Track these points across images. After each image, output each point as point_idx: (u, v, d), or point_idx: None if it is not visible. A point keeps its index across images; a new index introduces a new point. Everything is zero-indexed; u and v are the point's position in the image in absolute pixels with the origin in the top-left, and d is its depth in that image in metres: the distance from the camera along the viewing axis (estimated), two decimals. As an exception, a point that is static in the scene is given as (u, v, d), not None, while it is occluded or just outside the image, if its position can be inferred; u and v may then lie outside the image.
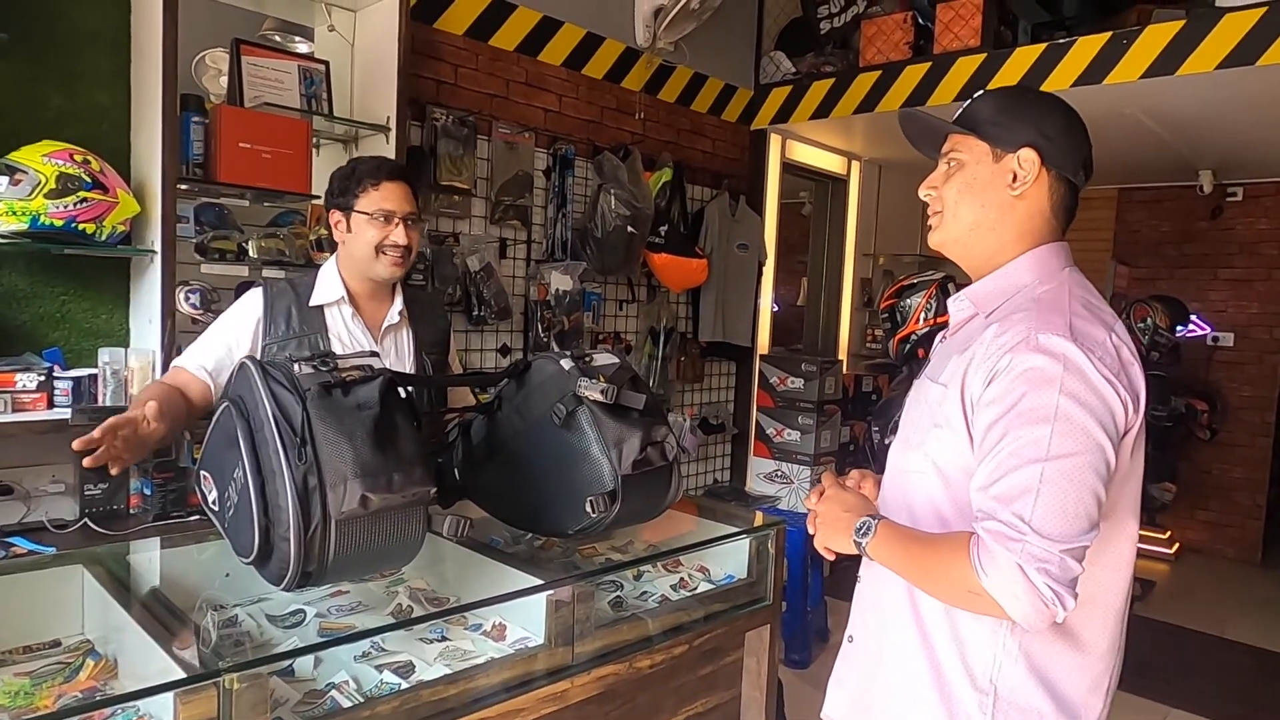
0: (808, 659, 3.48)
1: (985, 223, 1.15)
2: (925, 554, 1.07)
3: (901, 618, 1.17)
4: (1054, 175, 1.13)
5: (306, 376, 1.14)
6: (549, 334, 3.33)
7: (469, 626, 1.44)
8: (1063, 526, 0.95)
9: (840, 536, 1.16)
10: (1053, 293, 1.09)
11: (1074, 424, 0.97)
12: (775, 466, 4.42)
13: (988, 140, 1.14)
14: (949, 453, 1.10)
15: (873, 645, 1.23)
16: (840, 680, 1.30)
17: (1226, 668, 3.82)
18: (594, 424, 1.38)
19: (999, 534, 0.97)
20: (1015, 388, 1.00)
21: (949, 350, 1.17)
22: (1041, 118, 1.13)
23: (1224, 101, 3.53)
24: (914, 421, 1.19)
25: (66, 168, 1.92)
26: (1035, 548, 0.94)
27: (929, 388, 1.16)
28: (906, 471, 1.19)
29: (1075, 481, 0.97)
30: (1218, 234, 5.48)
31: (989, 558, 0.96)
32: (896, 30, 3.92)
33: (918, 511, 1.16)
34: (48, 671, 1.20)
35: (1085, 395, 0.98)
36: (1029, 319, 1.04)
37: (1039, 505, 0.96)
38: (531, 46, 3.32)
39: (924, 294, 3.31)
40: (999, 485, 0.99)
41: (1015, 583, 0.94)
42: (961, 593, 1.01)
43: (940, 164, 1.21)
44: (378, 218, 1.75)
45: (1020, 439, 0.98)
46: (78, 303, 2.20)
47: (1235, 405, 5.45)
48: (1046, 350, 1.00)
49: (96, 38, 2.19)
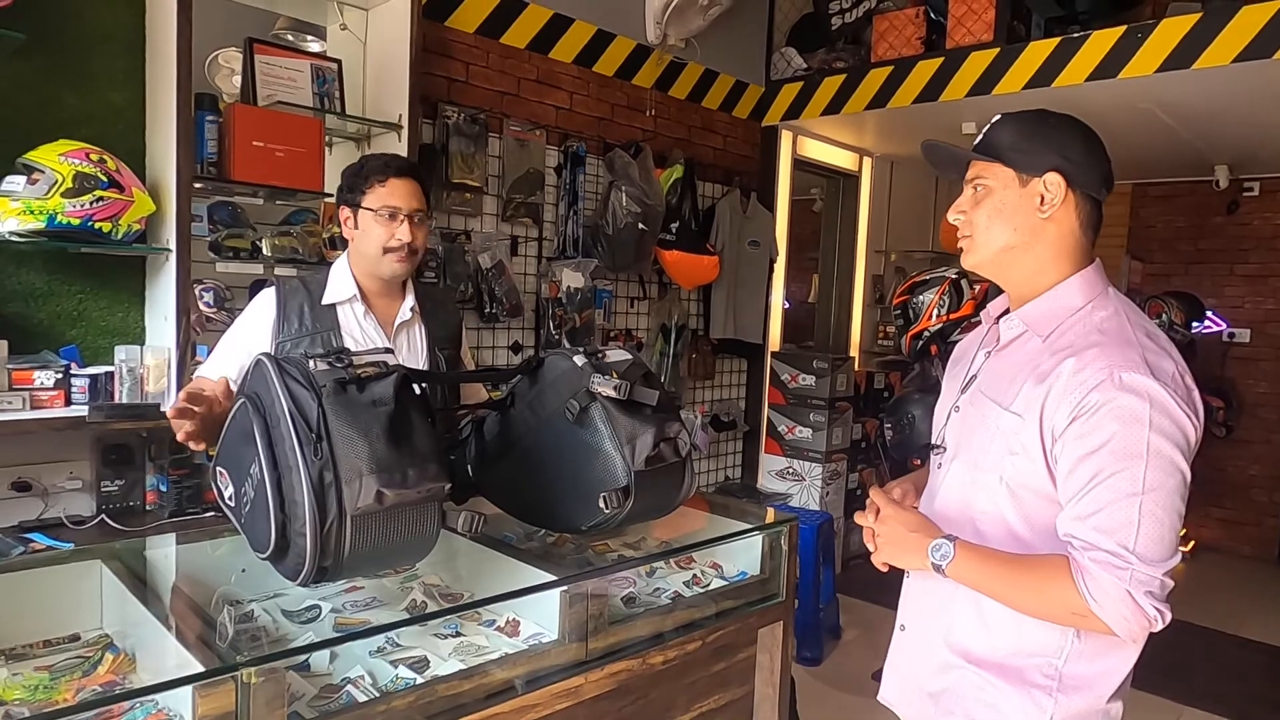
0: (820, 656, 3.47)
1: (1018, 245, 1.21)
2: (1018, 577, 1.15)
3: (960, 607, 1.24)
4: (1079, 194, 1.19)
5: (322, 373, 1.14)
6: (560, 331, 3.34)
7: (483, 622, 1.45)
8: (1160, 551, 1.07)
9: (911, 556, 1.23)
10: (1112, 320, 1.16)
11: (1164, 458, 1.07)
12: (786, 463, 4.41)
13: (1013, 167, 1.20)
14: (1024, 477, 1.17)
15: (929, 633, 1.30)
16: (895, 666, 1.38)
17: (1242, 666, 3.79)
18: (607, 420, 1.38)
19: (1106, 564, 1.06)
20: (1106, 425, 1.08)
21: (1008, 372, 1.21)
22: (1063, 141, 1.19)
23: (1241, 95, 3.50)
24: (983, 445, 1.23)
25: (83, 167, 1.93)
26: (1141, 574, 1.05)
27: (998, 414, 1.20)
28: (975, 488, 1.24)
29: (1168, 510, 1.08)
30: (1234, 229, 5.43)
31: (1096, 585, 1.06)
32: (909, 25, 3.90)
33: (986, 529, 1.22)
34: (67, 665, 1.21)
35: (1170, 430, 1.08)
36: (1105, 354, 1.10)
37: (1140, 536, 1.06)
38: (542, 44, 3.33)
39: (936, 291, 3.29)
40: (1099, 517, 1.08)
41: (1125, 606, 1.05)
42: (1064, 614, 1.11)
43: (967, 189, 1.26)
44: (383, 214, 1.75)
45: (1117, 474, 1.07)
46: (94, 301, 2.22)
47: (1251, 402, 5.40)
48: (1132, 389, 1.08)
49: (111, 38, 2.21)
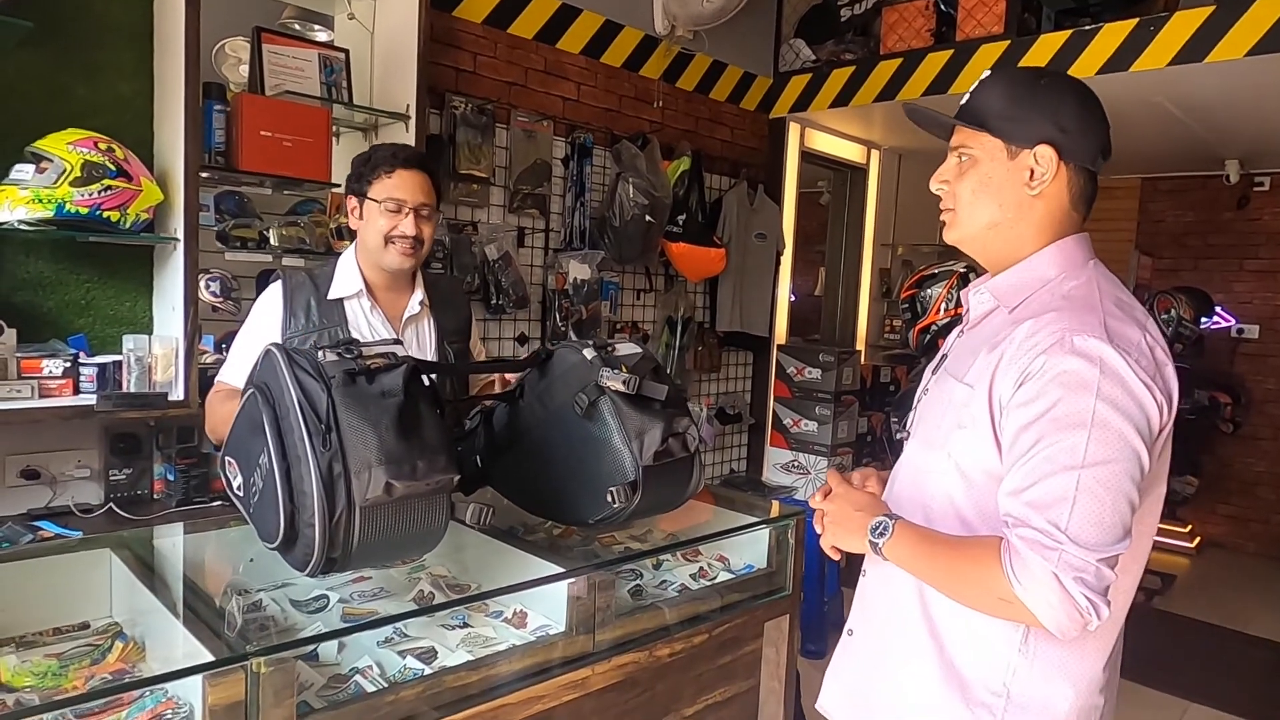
0: (824, 649, 3.48)
1: (1003, 222, 1.12)
2: (949, 557, 1.05)
3: (910, 616, 1.15)
4: (1073, 168, 1.09)
5: (331, 364, 1.14)
6: (567, 323, 3.33)
7: (490, 613, 1.45)
8: (1099, 535, 0.94)
9: (852, 536, 1.14)
10: (1082, 289, 1.06)
11: (1111, 430, 0.96)
12: (792, 457, 4.40)
13: (1000, 137, 1.10)
14: (973, 454, 1.07)
15: (876, 642, 1.22)
16: (837, 673, 1.29)
17: (1247, 663, 3.79)
18: (616, 414, 1.38)
19: (1034, 542, 0.95)
20: (1050, 391, 0.98)
21: (972, 346, 1.13)
22: (1056, 107, 1.08)
23: (1254, 89, 3.47)
24: (935, 420, 1.15)
25: (91, 156, 1.93)
26: (1072, 556, 0.93)
27: (953, 386, 1.12)
28: (926, 470, 1.16)
29: (1111, 489, 0.95)
30: (1244, 224, 5.40)
31: (1022, 565, 0.95)
32: (918, 17, 3.87)
33: (934, 511, 1.13)
34: (77, 653, 1.21)
35: (1122, 400, 0.96)
36: (1062, 318, 1.01)
37: (1075, 513, 0.94)
38: (550, 34, 3.31)
39: (944, 284, 3.28)
40: (1033, 491, 0.97)
41: (1051, 592, 0.93)
42: (991, 599, 1.00)
43: (950, 156, 1.16)
44: (388, 206, 1.72)
45: (1056, 445, 0.96)
46: (102, 290, 2.22)
47: (1259, 398, 5.38)
48: (1083, 353, 0.97)
49: (120, 27, 2.20)
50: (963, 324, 1.24)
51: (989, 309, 1.16)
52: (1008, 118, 1.09)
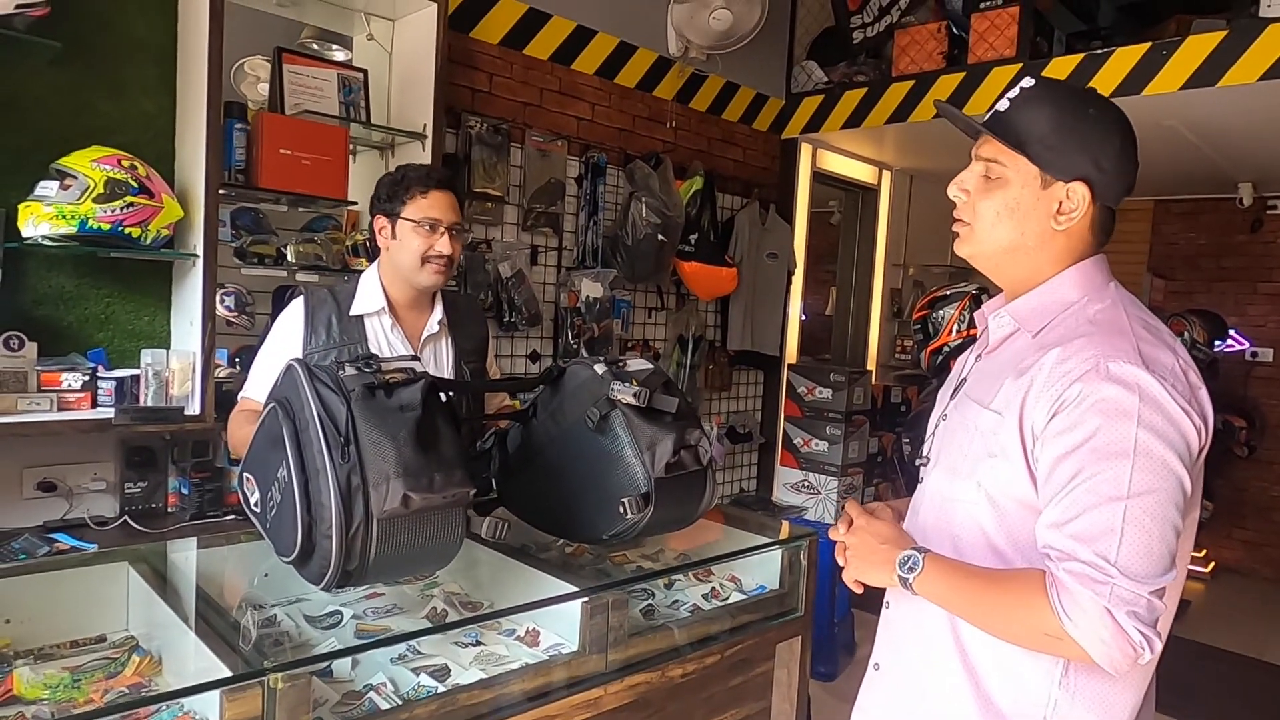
0: (834, 671, 3.45)
1: (1022, 249, 1.09)
2: (989, 593, 1.02)
3: (943, 651, 1.11)
4: (1099, 206, 1.07)
5: (351, 378, 1.16)
6: (579, 341, 3.35)
7: (503, 631, 1.45)
8: (1148, 566, 0.92)
9: (878, 570, 1.11)
10: (1108, 312, 1.04)
11: (1154, 459, 0.93)
12: (802, 476, 4.38)
13: (1038, 164, 1.06)
14: (1004, 483, 1.04)
15: (906, 677, 1.18)
16: (865, 710, 1.25)
17: (1264, 690, 3.73)
18: (627, 427, 1.38)
19: (1083, 576, 0.92)
20: (1088, 420, 0.95)
21: (996, 371, 1.10)
22: (1100, 145, 1.05)
23: (1266, 113, 3.47)
24: (960, 448, 1.12)
25: (114, 173, 1.96)
26: (1123, 590, 0.91)
27: (978, 413, 1.09)
28: (953, 500, 1.12)
29: (1158, 519, 0.93)
30: (1257, 247, 5.38)
31: (1072, 601, 0.92)
32: (930, 40, 3.89)
33: (964, 542, 1.10)
34: (93, 666, 1.22)
35: (1163, 427, 0.94)
36: (1093, 344, 0.99)
37: (1124, 546, 0.92)
38: (565, 56, 3.35)
39: (957, 306, 3.28)
40: (1077, 524, 0.94)
41: (1104, 628, 0.91)
42: (1037, 636, 0.97)
43: (976, 164, 1.11)
44: (424, 226, 1.76)
45: (1098, 475, 0.94)
46: (122, 305, 2.25)
47: (1274, 422, 5.33)
48: (1120, 380, 0.95)
49: (144, 47, 2.24)
50: (979, 346, 1.21)
51: (1009, 332, 1.13)
52: (1050, 146, 1.05)
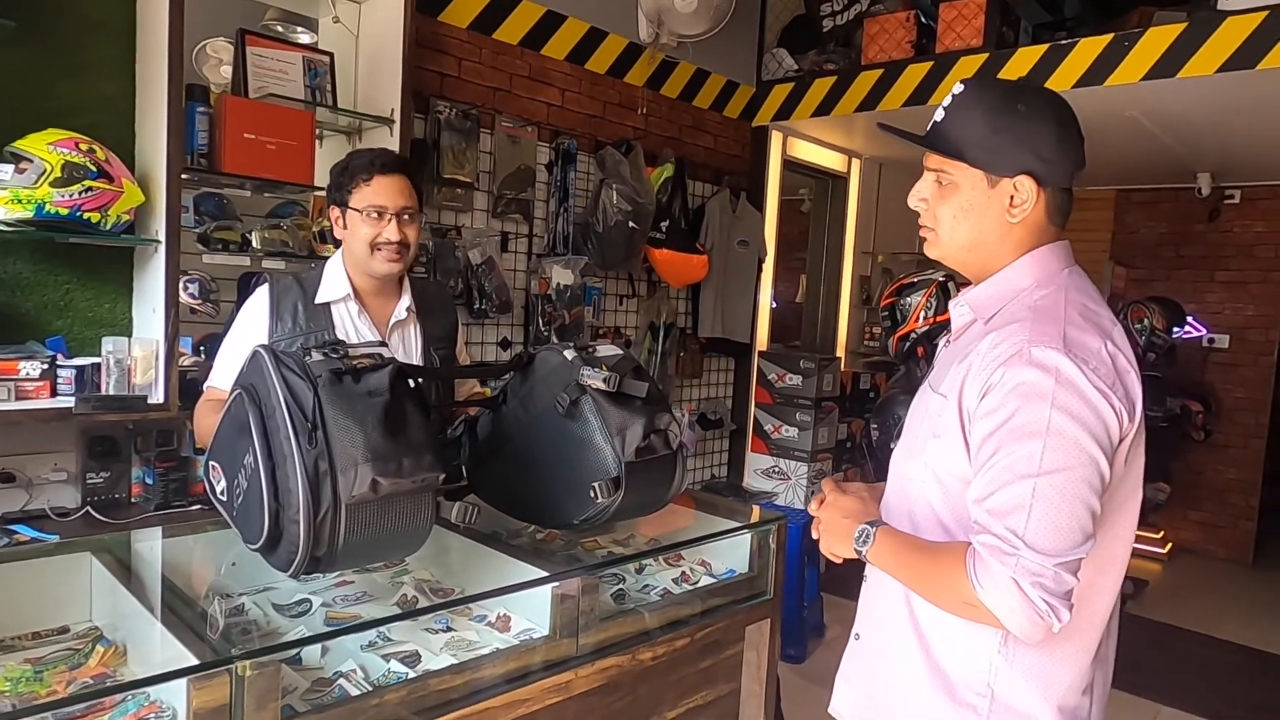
0: (804, 654, 3.50)
1: (983, 244, 1.14)
2: (924, 564, 1.09)
3: (900, 618, 1.18)
4: (1051, 190, 1.11)
5: (318, 363, 1.15)
6: (550, 328, 3.34)
7: (474, 617, 1.45)
8: (1055, 541, 0.97)
9: (842, 542, 1.19)
10: (1048, 299, 1.08)
11: (1066, 438, 0.98)
12: (773, 462, 4.43)
13: (980, 168, 1.10)
14: (947, 462, 1.11)
15: (877, 644, 1.24)
16: (847, 677, 1.31)
17: (1218, 667, 3.85)
18: (597, 412, 1.39)
19: (994, 548, 0.98)
20: (1008, 402, 1.01)
21: (951, 358, 1.16)
22: (1036, 136, 1.08)
23: (1224, 105, 3.55)
24: (915, 430, 1.19)
25: (72, 156, 1.91)
26: (1029, 562, 0.96)
27: (930, 397, 1.16)
28: (908, 479, 1.19)
29: (1068, 496, 0.98)
30: (1215, 236, 5.50)
31: (984, 571, 0.98)
32: (899, 29, 3.92)
33: (919, 519, 1.16)
34: (56, 658, 1.20)
35: (1077, 408, 0.98)
36: (1023, 329, 1.03)
37: (1032, 520, 0.97)
38: (535, 41, 3.32)
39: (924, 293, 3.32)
40: (993, 499, 1.00)
41: (1010, 596, 0.96)
42: (959, 603, 1.03)
43: (928, 175, 1.16)
44: (370, 214, 1.72)
45: (1013, 454, 0.99)
46: (81, 291, 2.20)
47: (1230, 407, 5.48)
48: (1039, 364, 1.00)
49: (102, 27, 2.19)
50: (947, 335, 1.27)
51: (968, 320, 1.18)
52: (987, 148, 1.09)
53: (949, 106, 1.13)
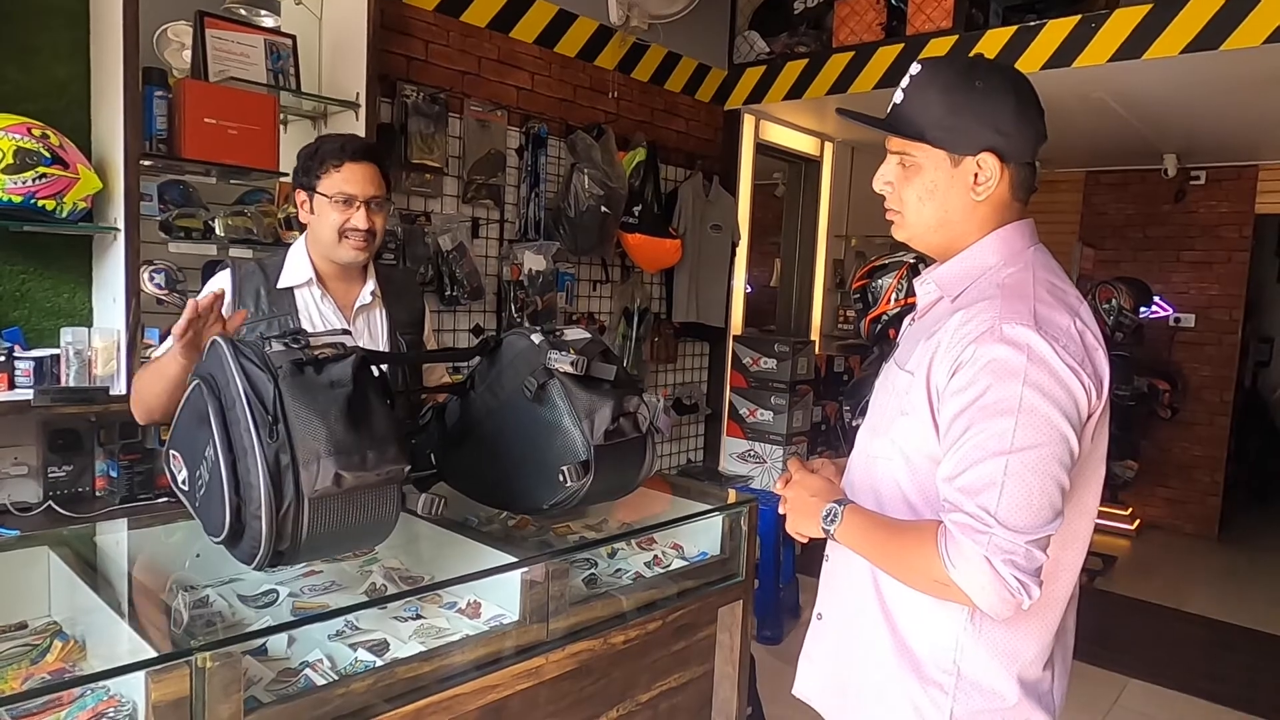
0: (780, 635, 3.53)
1: (949, 223, 1.14)
2: (892, 542, 1.09)
3: (866, 597, 1.19)
4: (1014, 165, 1.11)
5: (278, 354, 1.12)
6: (522, 314, 3.32)
7: (444, 605, 1.44)
8: (1027, 518, 0.97)
9: (808, 521, 1.18)
10: (1017, 276, 1.08)
11: (1038, 415, 0.98)
12: (748, 446, 4.45)
13: (941, 147, 1.10)
14: (915, 440, 1.10)
15: (842, 624, 1.25)
16: (810, 657, 1.31)
17: (1185, 639, 3.94)
18: (565, 395, 1.38)
19: (965, 526, 0.98)
20: (980, 379, 1.00)
21: (916, 335, 1.17)
22: (995, 112, 1.07)
23: (1188, 86, 3.59)
24: (881, 407, 1.19)
25: (24, 142, 1.87)
26: (1001, 539, 0.96)
27: (897, 374, 1.16)
28: (874, 457, 1.19)
29: (1039, 473, 0.98)
30: (1181, 217, 5.58)
31: (956, 549, 0.98)
32: (869, 11, 3.92)
33: (884, 497, 1.16)
34: (13, 654, 1.18)
35: (1049, 386, 0.99)
36: (993, 307, 1.03)
37: (1004, 498, 0.97)
38: (503, 23, 3.28)
39: (895, 275, 3.34)
40: (964, 477, 1.00)
41: (982, 574, 0.97)
42: (929, 581, 1.03)
43: (892, 158, 1.17)
44: (338, 201, 1.69)
45: (985, 431, 0.99)
46: (38, 281, 2.15)
47: (1196, 385, 5.58)
48: (1011, 341, 1.00)
49: (54, 9, 2.13)
50: (913, 314, 1.27)
51: (935, 298, 1.19)
52: (946, 128, 1.09)
53: (907, 88, 1.13)
